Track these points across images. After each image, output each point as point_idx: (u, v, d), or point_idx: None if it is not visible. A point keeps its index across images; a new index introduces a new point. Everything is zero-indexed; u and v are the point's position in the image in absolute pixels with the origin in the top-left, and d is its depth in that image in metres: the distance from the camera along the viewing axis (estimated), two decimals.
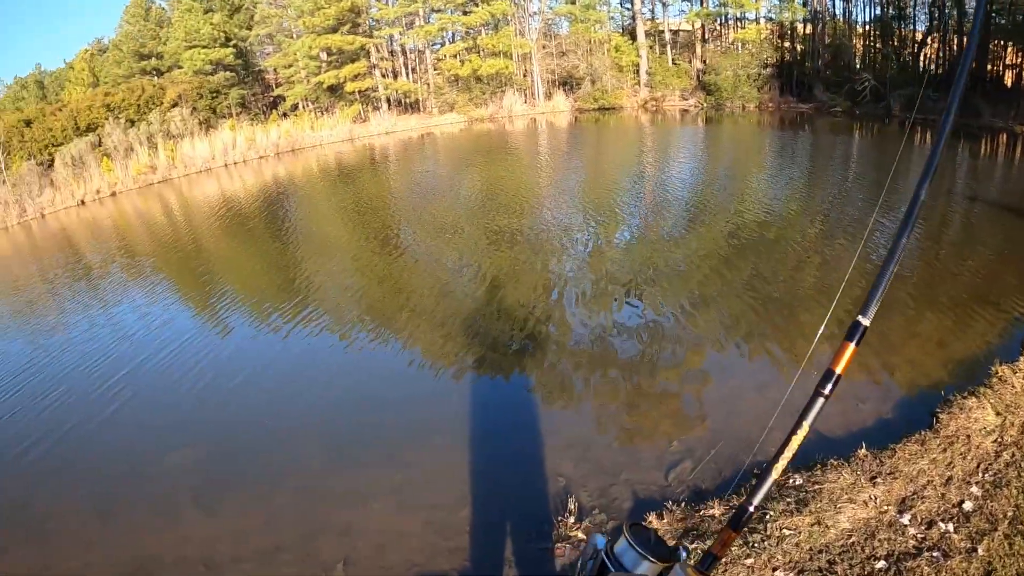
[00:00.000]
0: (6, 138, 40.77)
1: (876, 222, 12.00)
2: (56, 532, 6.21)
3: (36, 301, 15.50)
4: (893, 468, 4.83)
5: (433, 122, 45.92)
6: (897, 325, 7.66)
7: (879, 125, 26.89)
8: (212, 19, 50.42)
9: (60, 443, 7.96)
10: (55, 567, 5.73)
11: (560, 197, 17.44)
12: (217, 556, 5.46)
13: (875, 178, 16.00)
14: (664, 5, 45.64)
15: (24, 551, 6.04)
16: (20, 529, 6.38)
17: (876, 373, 6.55)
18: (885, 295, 1.40)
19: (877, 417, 5.81)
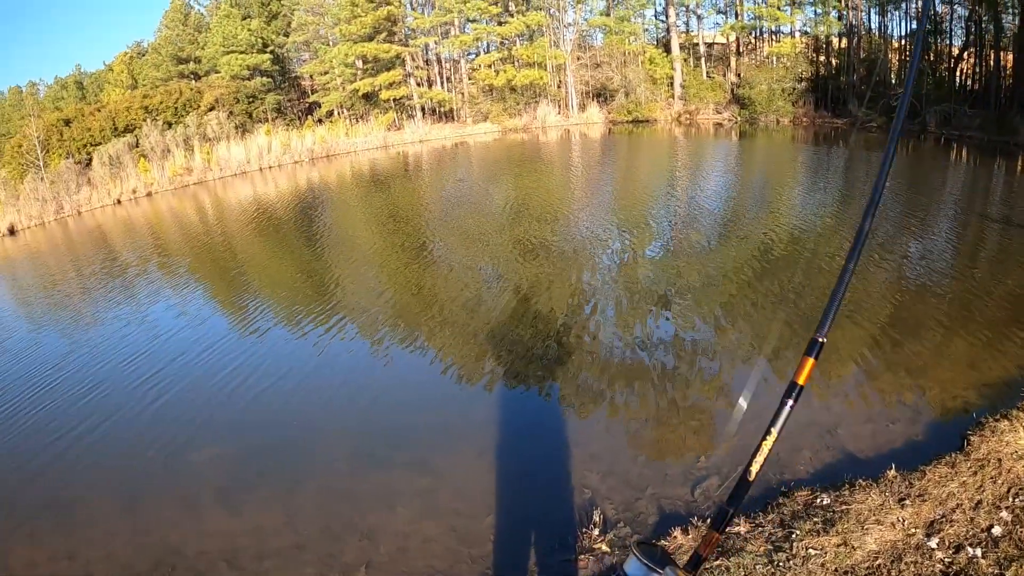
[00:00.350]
0: (46, 136, 41.49)
1: (911, 240, 11.93)
2: (83, 521, 6.33)
3: (73, 297, 15.77)
4: (922, 490, 4.77)
5: (467, 131, 46.10)
6: (929, 346, 7.57)
7: (914, 141, 26.56)
8: (250, 25, 51.00)
9: (91, 435, 8.13)
10: (80, 555, 5.83)
11: (592, 208, 17.43)
12: (239, 552, 5.51)
13: (909, 195, 15.85)
14: (699, 18, 45.59)
15: (51, 538, 6.17)
16: (49, 517, 6.51)
17: (907, 394, 6.48)
18: (917, 315, 1.41)
19: (907, 438, 5.74)
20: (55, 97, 66.65)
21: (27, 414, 8.94)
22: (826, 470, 5.39)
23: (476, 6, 46.01)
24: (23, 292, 18.18)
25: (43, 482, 7.23)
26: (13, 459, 7.86)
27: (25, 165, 40.10)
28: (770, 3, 39.81)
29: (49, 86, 70.26)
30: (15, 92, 67.79)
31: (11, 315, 15.38)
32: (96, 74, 69.24)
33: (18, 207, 33.16)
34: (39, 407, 9.12)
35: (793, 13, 39.73)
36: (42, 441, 8.15)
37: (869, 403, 6.39)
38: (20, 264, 22.81)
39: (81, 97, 64.69)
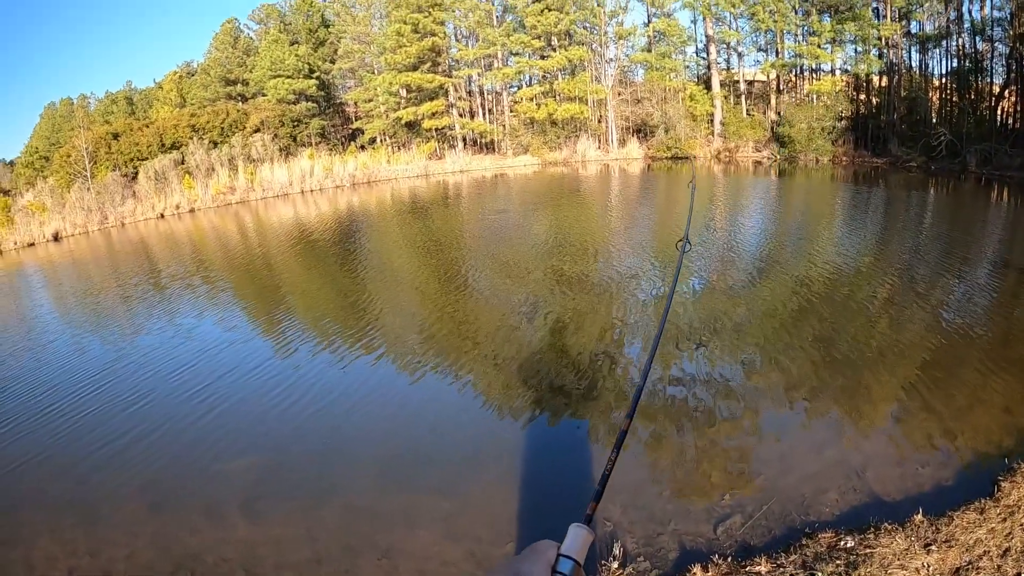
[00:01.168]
0: (94, 148, 42.42)
1: (950, 281, 11.79)
2: (107, 520, 6.42)
3: (114, 307, 16.01)
4: (949, 536, 4.70)
5: (507, 163, 46.45)
6: (965, 389, 7.45)
7: (954, 181, 26.29)
8: (297, 51, 51.98)
9: (119, 438, 8.26)
10: (102, 553, 5.91)
11: (629, 244, 17.42)
12: (258, 562, 5.55)
13: (949, 237, 15.69)
14: (739, 55, 45.73)
15: (74, 534, 6.27)
16: (74, 513, 6.63)
17: (938, 437, 6.38)
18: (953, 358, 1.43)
19: (936, 482, 5.65)
20: (105, 111, 68.32)
21: (61, 415, 9.11)
22: (851, 512, 5.32)
23: (519, 40, 46.54)
24: (68, 297, 18.51)
25: (70, 479, 7.37)
26: (41, 454, 8.02)
27: (73, 174, 41.03)
28: (811, 41, 39.80)
29: (100, 100, 72.14)
30: (67, 103, 69.61)
31: (55, 319, 15.65)
32: (146, 91, 70.97)
33: (64, 215, 33.97)
34: (70, 408, 9.29)
35: (834, 51, 39.67)
36: (73, 439, 8.34)
37: (899, 445, 6.30)
38: (64, 270, 23.25)
39: (130, 112, 66.26)
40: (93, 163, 41.81)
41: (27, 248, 30.37)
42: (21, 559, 5.99)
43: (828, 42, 39.43)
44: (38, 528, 6.44)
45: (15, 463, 7.94)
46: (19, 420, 9.29)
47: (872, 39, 36.37)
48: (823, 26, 38.90)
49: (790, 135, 37.00)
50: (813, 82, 41.59)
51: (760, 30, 43.20)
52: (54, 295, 19.46)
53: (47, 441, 8.44)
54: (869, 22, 36.26)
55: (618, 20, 47.30)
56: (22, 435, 8.74)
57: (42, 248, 30.04)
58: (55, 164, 45.65)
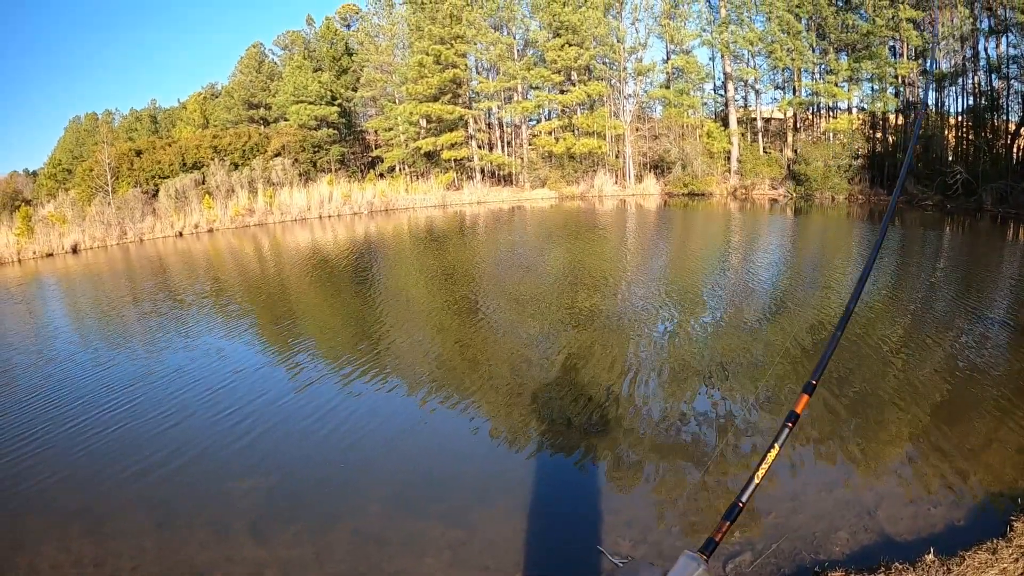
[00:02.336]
0: (116, 164, 42.90)
1: (965, 320, 11.74)
2: (114, 532, 6.45)
3: (129, 323, 16.14)
4: None
5: (524, 196, 46.68)
6: (979, 429, 7.39)
7: (970, 220, 26.17)
8: (320, 78, 52.56)
9: (129, 449, 8.34)
10: (108, 564, 5.92)
11: (644, 280, 17.43)
12: None
13: (965, 276, 15.67)
14: (757, 92, 45.94)
15: (81, 544, 6.29)
16: (82, 523, 6.66)
17: (951, 477, 6.33)
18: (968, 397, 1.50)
19: (949, 522, 5.61)
20: (129, 127, 69.22)
21: (74, 426, 9.17)
22: (862, 552, 5.28)
23: (539, 74, 46.94)
24: (84, 310, 18.66)
25: (79, 489, 7.43)
26: (51, 463, 8.08)
27: (94, 188, 41.50)
28: (828, 79, 39.94)
29: (124, 116, 73.18)
30: (91, 118, 70.58)
31: (70, 331, 15.77)
32: (170, 110, 71.90)
33: (83, 227, 34.38)
34: (82, 420, 9.36)
35: (851, 89, 39.81)
36: (83, 451, 8.40)
37: (912, 485, 6.26)
38: (81, 282, 23.46)
39: (154, 130, 67.08)
40: (115, 178, 42.27)
41: (45, 258, 30.69)
42: (26, 565, 6.02)
43: (845, 80, 39.60)
44: (45, 535, 6.48)
45: (26, 470, 7.99)
46: (32, 428, 9.37)
47: (889, 77, 36.52)
48: (840, 64, 39.08)
49: (806, 173, 37.08)
50: (830, 120, 41.75)
51: (778, 68, 43.43)
52: (70, 307, 19.62)
53: (59, 451, 8.50)
54: (886, 60, 36.44)
55: (637, 56, 47.68)
56: (35, 444, 8.80)
57: (60, 259, 30.33)
58: (77, 177, 46.20)
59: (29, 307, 19.83)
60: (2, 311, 19.28)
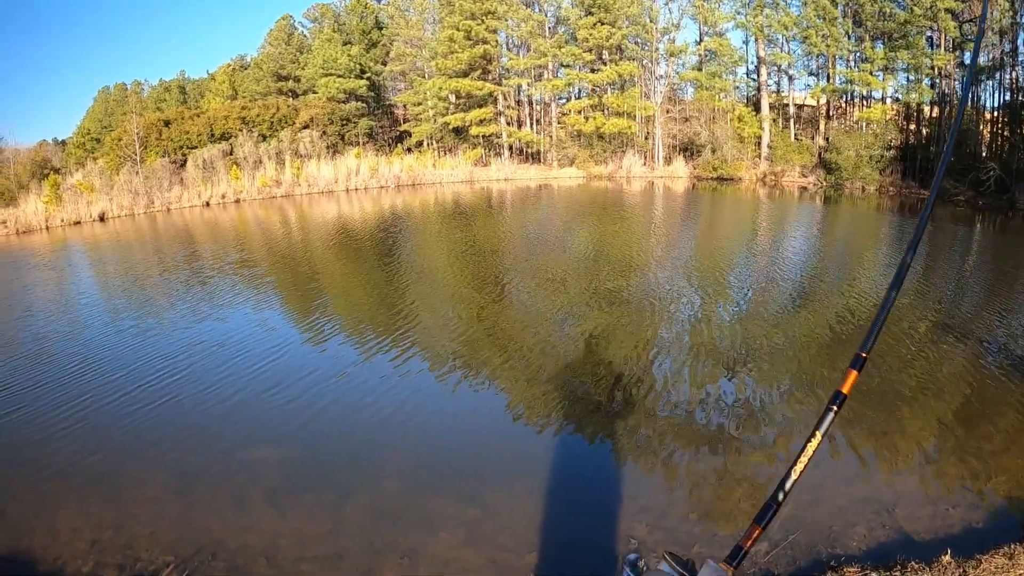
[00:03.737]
0: (145, 134, 43.11)
1: (993, 319, 11.57)
2: (133, 498, 6.55)
3: (155, 290, 16.30)
4: None
5: (552, 174, 46.49)
6: (1002, 431, 7.28)
7: (1001, 217, 25.78)
8: (350, 51, 52.43)
9: (152, 417, 8.47)
10: (126, 528, 6.02)
11: (669, 263, 17.34)
12: (279, 552, 5.59)
13: (994, 275, 15.45)
14: (790, 78, 45.32)
15: (100, 508, 6.40)
16: (102, 488, 6.78)
17: (971, 478, 6.25)
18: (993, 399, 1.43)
19: (967, 524, 5.54)
20: (158, 98, 69.54)
21: (96, 391, 9.28)
22: (879, 549, 5.24)
23: (570, 52, 46.62)
24: (111, 278, 18.84)
25: (101, 454, 7.55)
26: (76, 428, 8.20)
27: (122, 158, 41.77)
28: (863, 67, 39.32)
29: (153, 87, 73.51)
30: (120, 88, 70.95)
31: (95, 299, 15.92)
32: (199, 81, 72.15)
33: (111, 196, 34.60)
34: (104, 386, 9.47)
35: (885, 79, 39.11)
36: (106, 417, 8.52)
37: (931, 484, 6.19)
38: (109, 250, 23.69)
39: (182, 101, 67.36)
40: (143, 148, 42.53)
41: (73, 226, 30.97)
42: (45, 527, 6.11)
43: (880, 69, 38.94)
44: (65, 499, 6.58)
45: (50, 434, 8.10)
46: (51, 393, 9.49)
47: (925, 68, 35.86)
48: (876, 53, 38.42)
49: (837, 162, 36.51)
50: (863, 109, 41.09)
51: (812, 54, 42.85)
52: (101, 275, 19.82)
53: (82, 416, 8.61)
54: (922, 51, 35.77)
55: (670, 37, 47.27)
56: (57, 407, 8.91)
57: (88, 227, 30.63)
58: (106, 146, 46.54)
59: (60, 274, 20.02)
60: (35, 278, 19.50)
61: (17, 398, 9.34)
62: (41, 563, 5.65)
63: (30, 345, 12.13)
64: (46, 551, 5.80)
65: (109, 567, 5.54)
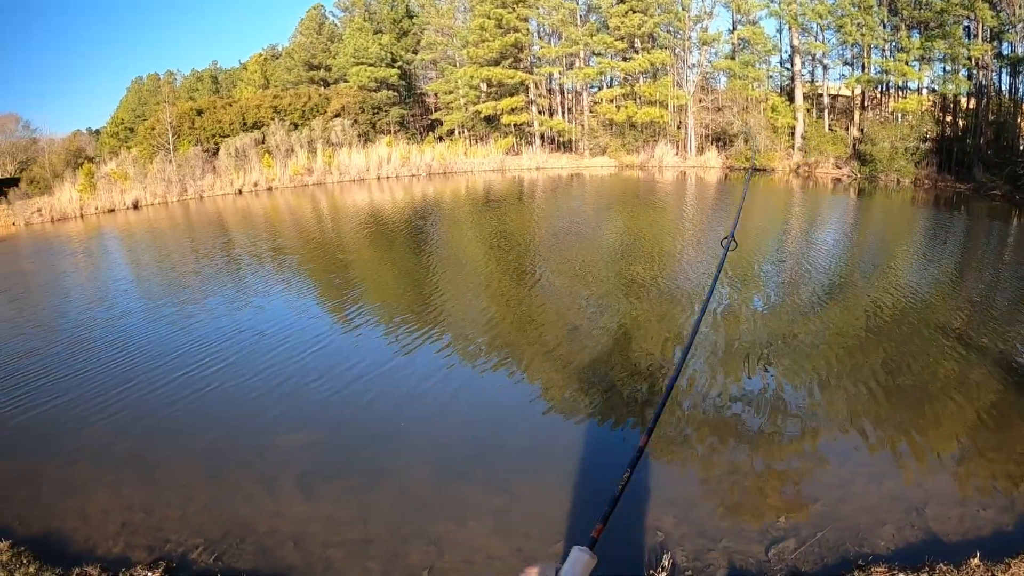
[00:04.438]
0: (178, 123, 43.50)
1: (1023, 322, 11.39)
2: (164, 481, 6.70)
3: (188, 277, 16.49)
4: None
5: (583, 163, 46.29)
6: None
7: None
8: (381, 40, 52.43)
9: (185, 400, 8.68)
10: (156, 511, 6.16)
11: (700, 254, 17.23)
12: (307, 537, 5.67)
13: None
14: (825, 68, 44.57)
15: (132, 491, 6.56)
16: (133, 471, 6.94)
17: (1002, 480, 6.16)
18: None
19: (997, 526, 5.47)
20: (190, 88, 70.07)
21: (132, 377, 9.42)
22: (908, 549, 5.19)
23: (602, 40, 46.29)
24: (145, 264, 19.08)
25: (133, 438, 7.73)
26: (110, 412, 8.40)
27: (156, 147, 42.15)
28: (898, 57, 38.56)
29: (186, 77, 74.00)
30: (153, 78, 71.45)
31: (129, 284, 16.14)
32: (231, 71, 72.55)
33: (145, 184, 35.03)
34: (140, 371, 9.62)
35: (922, 69, 38.30)
36: (140, 401, 8.74)
37: (962, 484, 6.12)
38: (143, 237, 24.02)
39: (215, 91, 67.78)
40: (176, 137, 42.89)
41: (107, 213, 31.42)
42: (77, 508, 6.25)
43: (916, 59, 38.13)
44: (97, 482, 6.74)
45: (85, 418, 8.26)
46: (89, 379, 9.65)
47: (961, 58, 35.11)
48: (912, 42, 37.62)
49: (872, 153, 35.83)
50: (899, 100, 40.31)
51: (847, 43, 42.08)
52: (134, 262, 20.10)
53: (115, 398, 8.78)
54: (959, 41, 35.02)
55: (702, 25, 46.71)
56: (94, 392, 9.07)
57: (121, 215, 31.09)
58: (139, 136, 46.97)
59: (96, 261, 20.33)
60: (72, 264, 19.82)
61: (56, 384, 9.53)
62: (73, 544, 5.77)
63: (69, 332, 12.39)
64: (77, 532, 5.93)
65: (139, 548, 5.65)
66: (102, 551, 5.65)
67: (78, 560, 5.48)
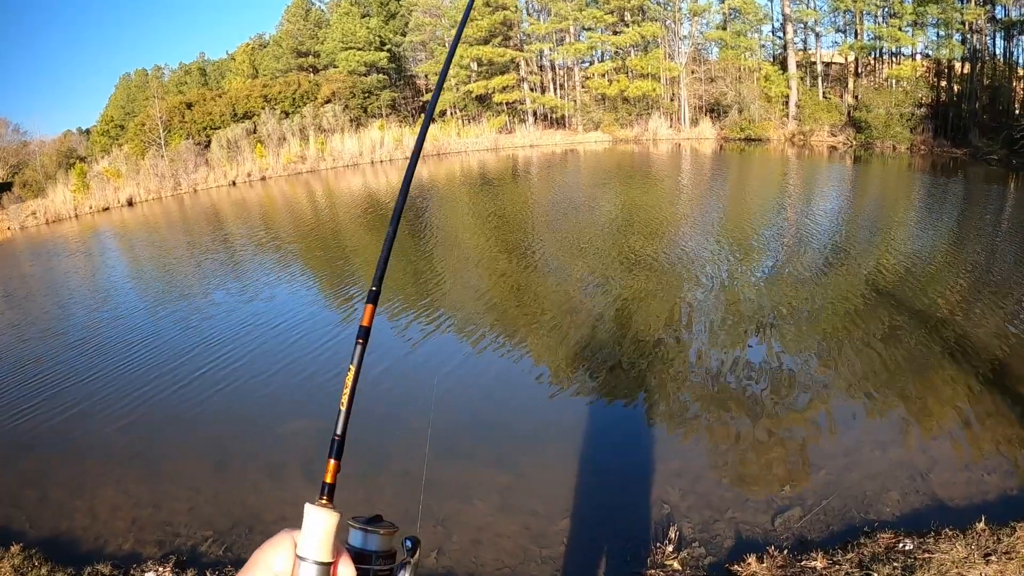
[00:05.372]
0: (168, 117, 43.35)
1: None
2: (170, 475, 6.71)
3: (187, 270, 16.50)
4: (1010, 547, 4.53)
5: (577, 139, 46.15)
6: None
7: None
8: (368, 23, 52.18)
9: (185, 393, 8.70)
10: (164, 505, 6.17)
11: (697, 226, 17.22)
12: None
13: None
14: (817, 35, 44.36)
15: (138, 486, 6.56)
16: (139, 466, 6.96)
17: (1006, 445, 6.14)
18: None
19: (1001, 491, 5.45)
20: (179, 81, 69.78)
21: (132, 371, 9.44)
22: (913, 514, 5.19)
23: (592, 14, 46.05)
24: (142, 261, 19.08)
25: (138, 433, 7.74)
26: (113, 408, 8.42)
27: (147, 143, 42.08)
28: (891, 23, 38.35)
29: (174, 71, 73.69)
30: (141, 74, 71.07)
31: (126, 281, 16.13)
32: (219, 62, 72.24)
33: (138, 181, 34.97)
34: (140, 365, 9.65)
35: (915, 35, 38.08)
36: (143, 396, 8.72)
37: (965, 450, 6.11)
38: (139, 234, 24.01)
39: (203, 83, 67.48)
40: (167, 132, 42.79)
41: (102, 212, 31.35)
42: (85, 507, 6.26)
43: (909, 25, 37.90)
44: (104, 479, 6.75)
45: (85, 413, 8.30)
46: (88, 372, 9.67)
47: (955, 23, 34.85)
48: (904, 8, 37.35)
49: (867, 120, 35.61)
50: (893, 66, 40.10)
51: (839, 10, 41.82)
52: (130, 259, 20.08)
53: (119, 396, 8.77)
54: (952, 5, 34.74)
55: None
56: (94, 386, 9.09)
57: (116, 212, 31.03)
58: (130, 132, 46.87)
59: (95, 261, 20.32)
60: (72, 265, 19.81)
61: (60, 385, 9.52)
62: (83, 543, 5.78)
63: (69, 331, 12.40)
64: (87, 531, 5.93)
65: (149, 544, 5.66)
66: (112, 548, 5.66)
67: (89, 559, 5.48)
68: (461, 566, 5.11)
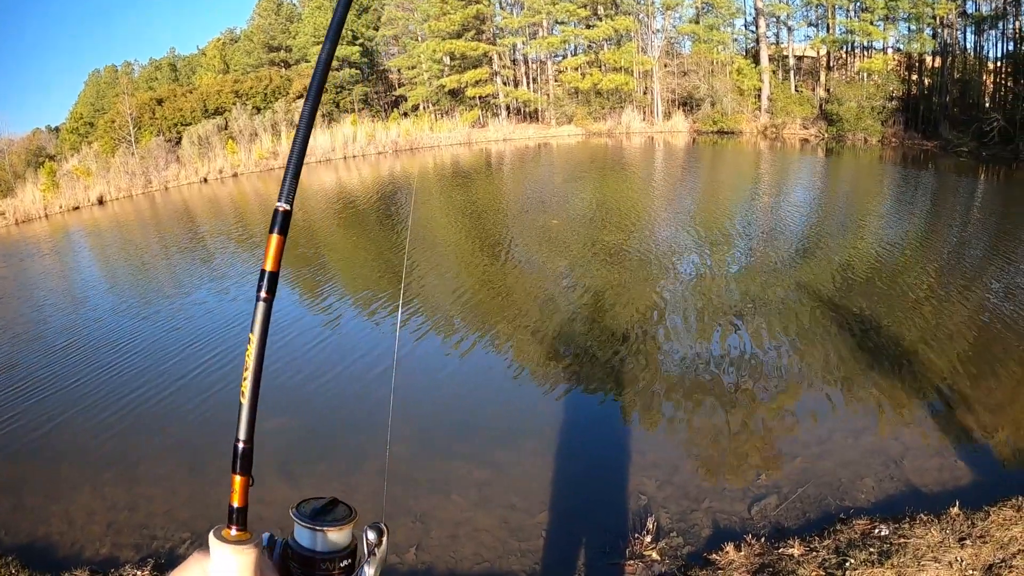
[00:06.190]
0: (138, 114, 42.86)
1: (997, 271, 11.52)
2: (146, 478, 6.65)
3: (155, 270, 16.33)
4: (984, 532, 4.60)
5: (550, 133, 46.11)
6: (1007, 384, 7.27)
7: (1005, 169, 25.17)
8: None
9: (158, 396, 8.58)
10: (140, 508, 6.12)
11: (671, 218, 17.29)
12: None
13: (998, 227, 15.23)
14: (789, 29, 44.58)
15: (114, 490, 6.50)
16: (115, 470, 6.87)
17: (978, 431, 6.25)
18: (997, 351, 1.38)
19: (974, 476, 5.54)
20: (149, 77, 68.95)
21: (104, 371, 9.34)
22: (887, 501, 5.26)
23: (565, 8, 46.02)
24: (114, 260, 18.88)
25: (111, 436, 7.64)
26: (84, 410, 8.32)
27: (117, 140, 41.56)
28: (863, 17, 38.63)
29: (144, 67, 72.77)
30: (111, 71, 70.17)
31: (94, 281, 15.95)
32: (189, 58, 71.45)
33: (108, 179, 34.46)
34: (111, 364, 9.56)
35: (886, 29, 38.38)
36: (114, 397, 8.63)
37: (938, 436, 6.21)
38: (110, 234, 23.74)
39: (174, 79, 66.72)
40: (137, 129, 42.30)
41: (72, 211, 30.92)
42: (61, 512, 6.18)
43: (880, 19, 38.20)
44: (79, 483, 6.66)
45: (58, 418, 8.18)
46: (63, 376, 9.54)
47: (926, 17, 35.16)
48: (876, 2, 37.54)
49: (839, 113, 35.89)
50: (864, 60, 40.38)
51: (811, 4, 42.06)
52: (101, 259, 19.88)
53: (90, 398, 8.67)
54: (924, 0, 35.12)
55: None
56: (68, 390, 8.98)
57: (87, 211, 30.59)
58: (100, 130, 46.30)
59: (65, 262, 20.09)
60: (44, 267, 19.55)
61: (32, 389, 9.39)
62: (60, 549, 5.72)
63: (53, 336, 12.23)
64: (63, 537, 5.86)
65: (126, 547, 5.61)
66: (89, 553, 5.60)
67: (67, 564, 5.41)
68: (440, 561, 5.11)
